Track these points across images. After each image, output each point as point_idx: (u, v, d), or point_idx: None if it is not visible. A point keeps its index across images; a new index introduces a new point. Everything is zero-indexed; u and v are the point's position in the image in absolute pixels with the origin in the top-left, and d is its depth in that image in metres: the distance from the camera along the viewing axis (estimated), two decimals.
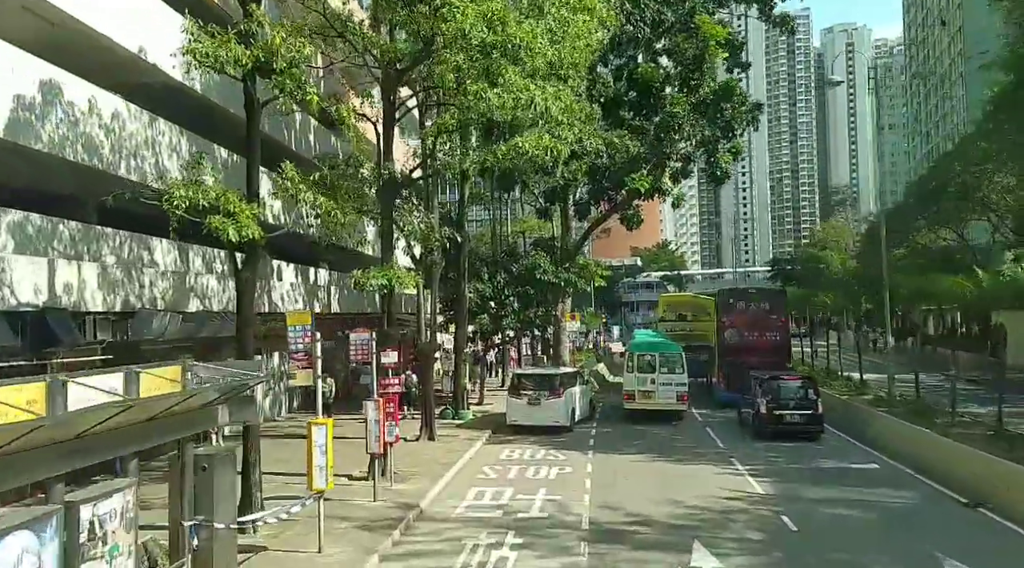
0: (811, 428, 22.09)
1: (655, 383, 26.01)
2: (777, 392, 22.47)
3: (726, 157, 28.92)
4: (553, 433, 23.64)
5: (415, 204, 21.73)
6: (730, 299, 31.60)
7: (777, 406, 22.13)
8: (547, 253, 30.40)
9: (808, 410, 22.08)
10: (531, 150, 15.23)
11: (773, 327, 29.98)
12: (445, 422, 25.42)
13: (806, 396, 22.42)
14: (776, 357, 28.56)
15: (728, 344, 29.96)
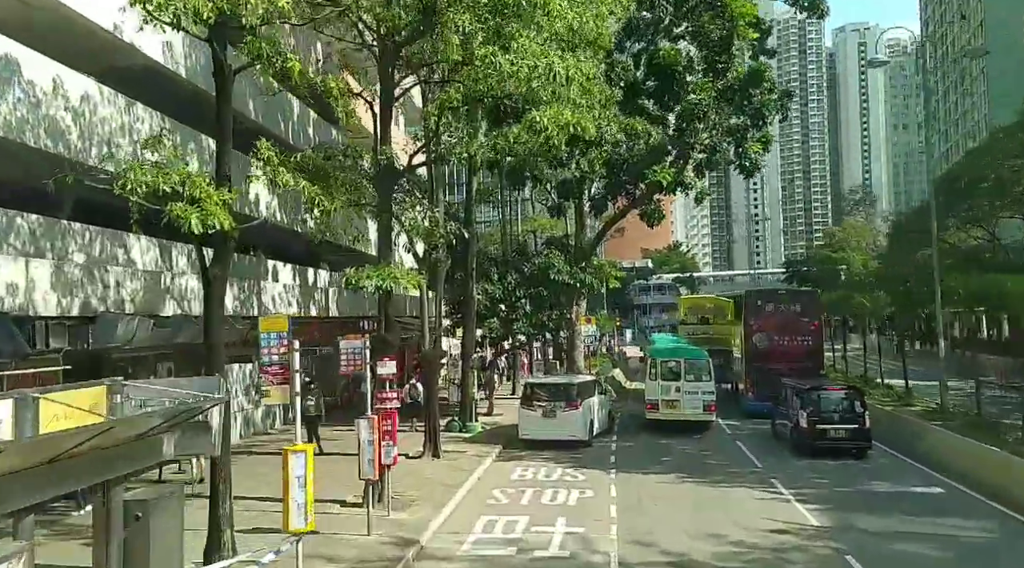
0: (858, 444, 20.01)
1: (680, 392, 24.17)
2: (819, 404, 20.43)
3: (755, 147, 26.74)
4: (570, 448, 21.55)
5: (418, 197, 19.68)
6: (758, 301, 29.53)
7: (820, 419, 20.07)
8: (561, 252, 28.30)
9: (854, 424, 20.00)
10: (550, 127, 13.11)
11: (805, 331, 27.83)
12: (451, 436, 23.36)
13: (852, 409, 20.27)
14: (808, 363, 26.75)
15: (756, 349, 27.97)
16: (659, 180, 26.11)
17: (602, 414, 24.00)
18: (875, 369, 39.63)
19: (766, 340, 27.84)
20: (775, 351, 27.32)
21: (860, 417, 20.07)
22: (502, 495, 16.45)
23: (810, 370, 26.14)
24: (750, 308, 29.12)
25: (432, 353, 20.04)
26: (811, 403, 20.45)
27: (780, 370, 25.62)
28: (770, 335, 27.82)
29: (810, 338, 27.93)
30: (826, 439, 19.92)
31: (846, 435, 19.98)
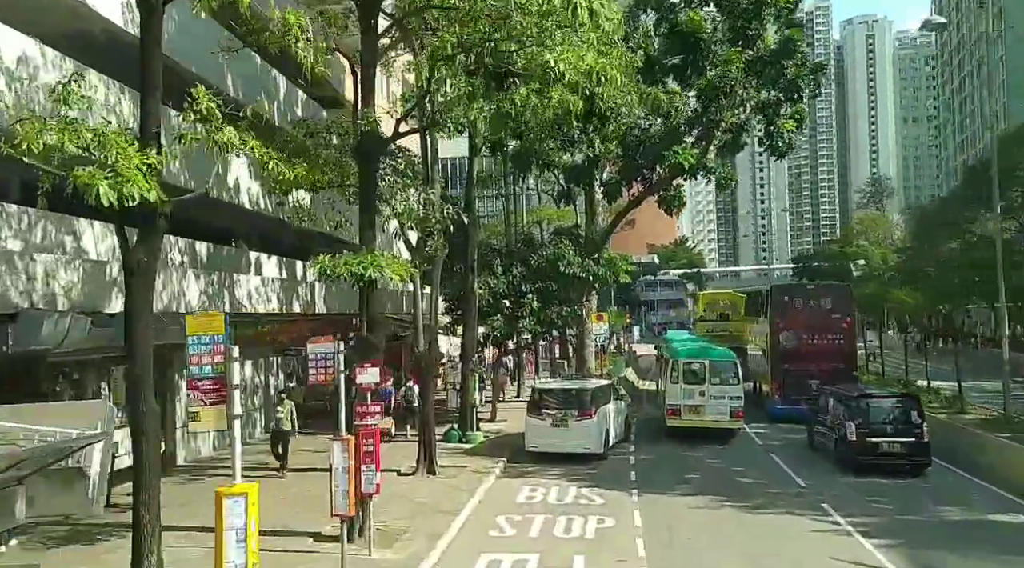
0: (915, 461, 17.57)
1: (705, 396, 21.93)
2: (870, 414, 17.97)
3: (789, 124, 24.07)
4: (583, 462, 19.04)
5: (410, 176, 17.15)
6: (785, 296, 27.18)
7: (870, 432, 17.62)
8: (571, 243, 25.73)
9: (911, 437, 17.55)
10: (568, 73, 10.49)
11: (836, 329, 25.63)
12: (449, 447, 20.85)
13: (908, 419, 17.79)
14: (840, 364, 24.77)
15: (783, 349, 25.76)
16: (681, 161, 23.49)
17: (618, 422, 21.48)
18: (895, 368, 37.18)
19: (794, 339, 25.70)
20: (804, 351, 25.29)
21: (918, 429, 17.59)
22: (507, 524, 13.92)
23: (842, 372, 24.27)
24: (776, 304, 26.79)
25: (427, 356, 17.52)
26: (860, 413, 18.01)
27: (809, 371, 24.20)
28: (798, 334, 25.69)
29: (842, 337, 25.71)
30: (879, 454, 17.48)
31: (902, 450, 17.52)
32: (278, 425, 17.00)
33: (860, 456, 17.55)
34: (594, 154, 25.66)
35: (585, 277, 24.18)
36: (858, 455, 17.59)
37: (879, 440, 17.53)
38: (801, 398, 23.86)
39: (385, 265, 12.09)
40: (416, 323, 17.66)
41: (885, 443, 17.53)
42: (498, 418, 25.81)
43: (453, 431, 21.69)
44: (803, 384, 24.04)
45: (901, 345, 53.13)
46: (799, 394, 23.97)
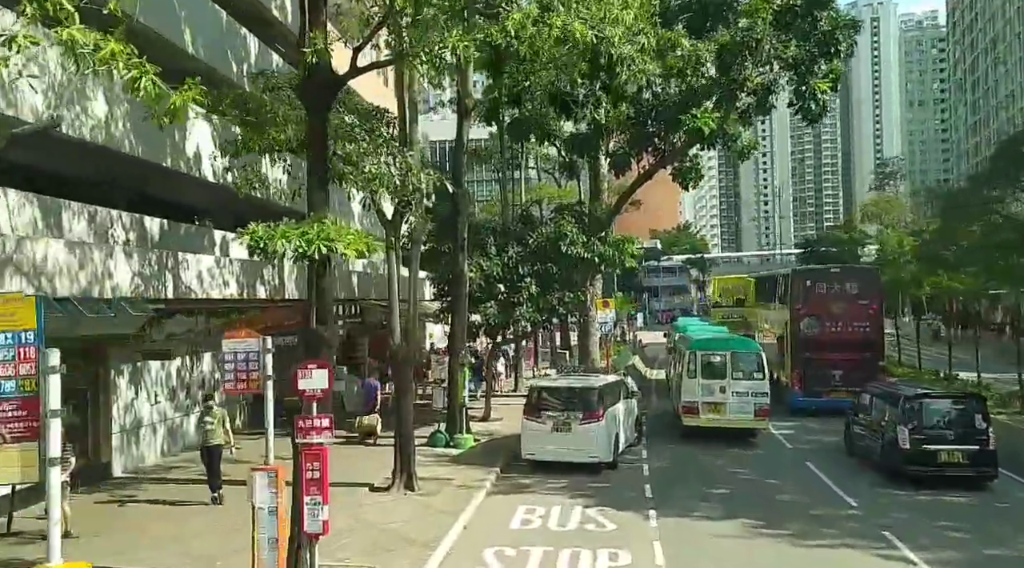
0: (981, 471, 15.09)
1: (726, 392, 19.69)
2: (925, 416, 15.47)
3: (823, 84, 21.13)
4: (589, 472, 16.34)
5: (384, 137, 14.29)
6: (806, 280, 25.27)
7: (927, 438, 15.14)
8: (575, 220, 22.86)
9: (975, 445, 15.03)
10: None
11: (862, 316, 23.97)
12: (435, 454, 18.13)
13: (971, 424, 15.23)
14: (866, 354, 23.43)
15: (804, 337, 24.10)
16: (700, 126, 20.58)
17: (629, 424, 18.72)
18: (913, 356, 34.51)
19: (816, 326, 24.05)
20: (827, 339, 23.73)
21: (982, 436, 15.05)
22: (497, 561, 11.16)
23: (868, 362, 22.97)
24: (797, 289, 24.92)
25: (404, 350, 14.72)
26: (914, 415, 15.48)
27: (833, 361, 23.18)
28: (821, 320, 24.07)
29: (868, 324, 24.03)
30: (938, 465, 15.01)
31: (964, 460, 15.02)
32: (206, 438, 14.00)
33: (913, 466, 15.14)
34: (601, 119, 22.66)
35: (590, 258, 21.34)
36: (910, 465, 15.17)
37: (939, 448, 15.02)
38: (824, 390, 22.94)
39: (337, 237, 9.25)
40: (391, 310, 14.85)
41: (944, 452, 14.99)
42: (492, 416, 23.08)
43: (439, 434, 18.94)
44: (826, 375, 23.17)
45: (916, 332, 50.36)
46: (822, 386, 23.08)
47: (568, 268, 21.87)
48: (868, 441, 17.06)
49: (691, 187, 23.24)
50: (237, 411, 21.43)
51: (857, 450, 17.78)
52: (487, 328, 22.53)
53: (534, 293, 20.90)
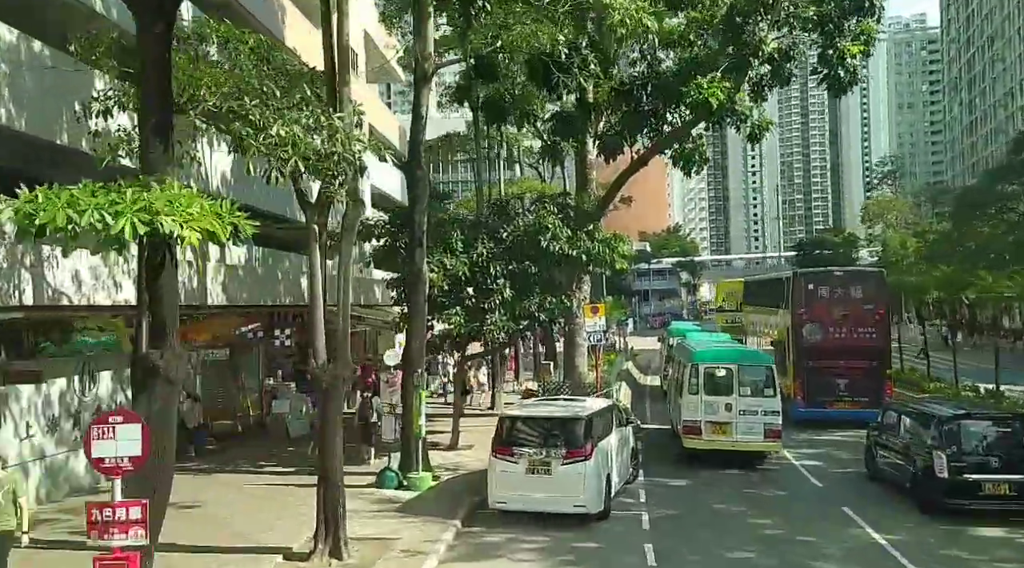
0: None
1: (733, 411, 17.37)
2: (963, 441, 13.52)
3: (854, 47, 17.65)
4: (574, 525, 12.88)
5: (308, 94, 10.79)
6: (809, 284, 23.74)
7: (968, 466, 13.15)
8: (559, 213, 19.39)
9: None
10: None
11: (868, 322, 22.76)
12: (381, 498, 14.56)
13: (1020, 448, 13.29)
14: (872, 362, 22.35)
15: (807, 344, 22.82)
16: (706, 98, 17.12)
17: (623, 459, 15.22)
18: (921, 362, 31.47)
19: (819, 332, 22.85)
20: (831, 346, 22.57)
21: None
22: None
23: (874, 371, 22.19)
24: (798, 293, 23.47)
25: (329, 372, 11.14)
26: (953, 439, 13.50)
27: (837, 369, 22.26)
28: (824, 326, 22.89)
29: (874, 330, 22.76)
30: (982, 497, 13.03)
31: (1014, 492, 12.92)
32: None
33: (952, 499, 13.15)
34: (588, 93, 19.15)
35: (576, 256, 17.85)
36: (949, 497, 13.16)
37: (982, 477, 13.03)
38: (828, 401, 22.19)
39: (165, 209, 5.70)
40: (312, 321, 11.27)
41: (990, 483, 12.97)
42: (461, 444, 19.54)
43: (389, 473, 15.35)
44: (830, 384, 22.27)
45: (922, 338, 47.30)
46: (825, 396, 22.24)
47: (549, 267, 18.40)
48: (897, 467, 14.96)
49: (694, 172, 19.81)
50: None
51: (879, 475, 15.73)
52: (453, 340, 19.02)
53: (508, 297, 17.40)
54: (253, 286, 19.64)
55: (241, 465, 17.72)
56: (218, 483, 15.95)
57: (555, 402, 15.10)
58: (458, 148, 32.66)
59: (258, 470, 17.23)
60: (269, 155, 9.87)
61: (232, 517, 13.33)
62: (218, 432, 20.34)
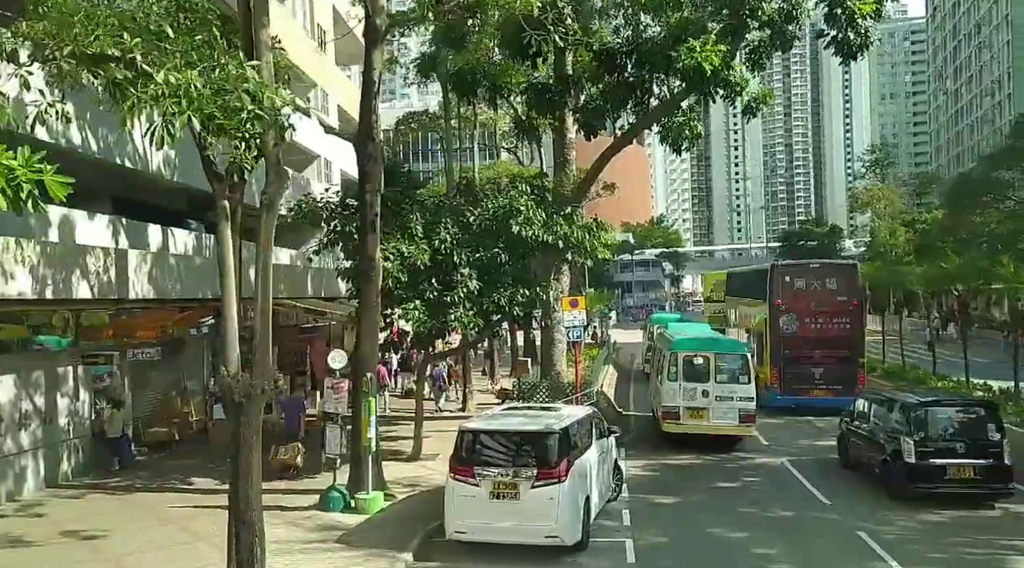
0: (994, 488, 13.66)
1: (709, 397, 18.43)
2: (930, 427, 14.03)
3: (865, 6, 15.61)
4: (547, 560, 10.86)
5: (206, 38, 8.62)
6: (786, 276, 24.82)
7: (935, 451, 13.73)
8: (535, 194, 17.32)
9: (988, 458, 13.58)
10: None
11: (843, 312, 23.73)
12: (322, 525, 12.44)
13: (983, 435, 13.79)
14: (846, 351, 23.36)
15: (783, 334, 23.81)
16: (699, 63, 15.05)
17: (603, 476, 13.21)
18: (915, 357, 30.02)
19: (795, 323, 23.81)
20: (806, 336, 23.59)
21: (997, 447, 13.63)
22: None
23: (848, 360, 23.22)
24: (776, 284, 24.45)
25: (243, 382, 9.01)
26: (920, 426, 14.03)
27: (813, 359, 23.32)
28: (800, 317, 23.84)
29: (849, 321, 23.70)
30: (946, 481, 13.58)
31: (978, 475, 13.56)
32: None
33: (919, 483, 13.69)
34: (570, 61, 17.01)
35: (552, 243, 15.79)
36: (916, 482, 13.71)
37: (948, 462, 13.62)
38: (803, 389, 23.14)
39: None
40: (225, 317, 9.14)
41: (954, 466, 13.60)
42: (425, 453, 17.46)
43: (334, 493, 13.23)
44: (806, 373, 23.32)
45: (911, 332, 45.63)
46: (801, 384, 23.20)
47: (522, 256, 16.34)
48: (867, 453, 15.49)
49: (684, 149, 17.78)
50: (64, 452, 15.56)
51: (854, 462, 16.13)
52: (416, 337, 16.90)
53: (474, 290, 15.30)
54: (189, 278, 17.44)
55: (170, 481, 15.56)
56: (135, 505, 13.80)
57: (525, 412, 13.04)
58: (429, 128, 30.51)
59: (187, 487, 15.07)
60: (158, 107, 7.70)
61: (135, 553, 11.20)
62: (151, 441, 18.14)
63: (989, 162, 38.43)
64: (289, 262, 24.43)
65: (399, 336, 18.54)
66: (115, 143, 16.66)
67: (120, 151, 17.01)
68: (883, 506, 13.69)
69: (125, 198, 19.96)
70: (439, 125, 28.20)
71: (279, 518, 12.65)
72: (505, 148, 36.15)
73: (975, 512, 13.36)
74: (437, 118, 28.70)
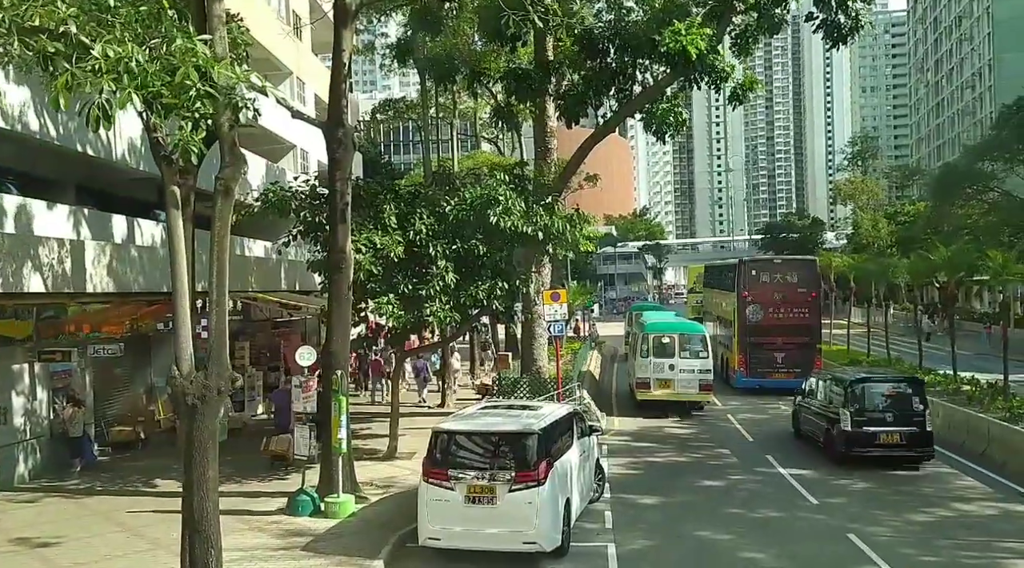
0: (917, 451, 15.62)
1: (674, 370, 22.25)
2: (864, 400, 16.03)
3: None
4: (525, 566, 10.31)
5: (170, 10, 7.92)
6: (752, 270, 27.34)
7: (868, 420, 15.76)
8: (514, 184, 16.72)
9: (913, 426, 15.58)
10: None
11: (802, 303, 26.22)
12: (289, 530, 11.81)
13: (909, 406, 15.80)
14: (805, 338, 25.68)
15: (749, 322, 26.17)
16: (683, 47, 14.48)
17: (585, 477, 12.67)
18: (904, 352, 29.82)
19: (760, 313, 26.15)
20: (770, 324, 25.91)
21: (920, 417, 15.66)
22: None
23: (807, 346, 25.42)
24: (743, 277, 26.91)
25: (196, 383, 8.35)
26: (855, 399, 16.02)
27: (775, 344, 25.59)
28: (764, 308, 26.15)
29: (807, 310, 26.24)
30: (876, 445, 15.66)
31: (902, 441, 15.63)
32: None
33: (854, 448, 15.78)
34: (551, 47, 16.39)
35: (531, 234, 15.19)
36: (851, 447, 15.81)
37: (876, 429, 15.65)
38: (766, 372, 25.43)
39: None
40: (176, 313, 8.49)
41: (883, 433, 15.64)
42: (400, 451, 16.85)
43: (303, 497, 12.60)
44: (768, 357, 25.57)
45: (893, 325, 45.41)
46: (764, 367, 25.55)
47: (501, 248, 15.74)
48: (814, 424, 17.57)
49: (669, 136, 17.20)
50: (21, 453, 14.82)
51: (805, 433, 18.29)
52: (391, 332, 16.28)
53: (451, 283, 14.69)
54: (153, 271, 16.68)
55: (133, 483, 14.90)
56: (94, 509, 13.11)
57: (503, 411, 12.46)
58: (407, 116, 29.75)
59: (150, 490, 14.41)
60: (92, 85, 7.00)
61: (89, 564, 10.53)
62: (116, 441, 17.43)
63: (973, 153, 38.30)
64: (264, 254, 23.69)
65: (375, 330, 17.89)
66: (77, 129, 15.91)
67: (81, 137, 16.26)
68: (827, 471, 15.68)
69: (92, 189, 19.19)
70: (417, 113, 27.48)
71: (244, 523, 12.04)
72: (485, 138, 35.46)
73: (901, 474, 15.39)
74: (415, 106, 27.99)
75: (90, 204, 17.93)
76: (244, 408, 21.31)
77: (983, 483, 14.62)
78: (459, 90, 24.04)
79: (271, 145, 27.56)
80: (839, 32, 15.68)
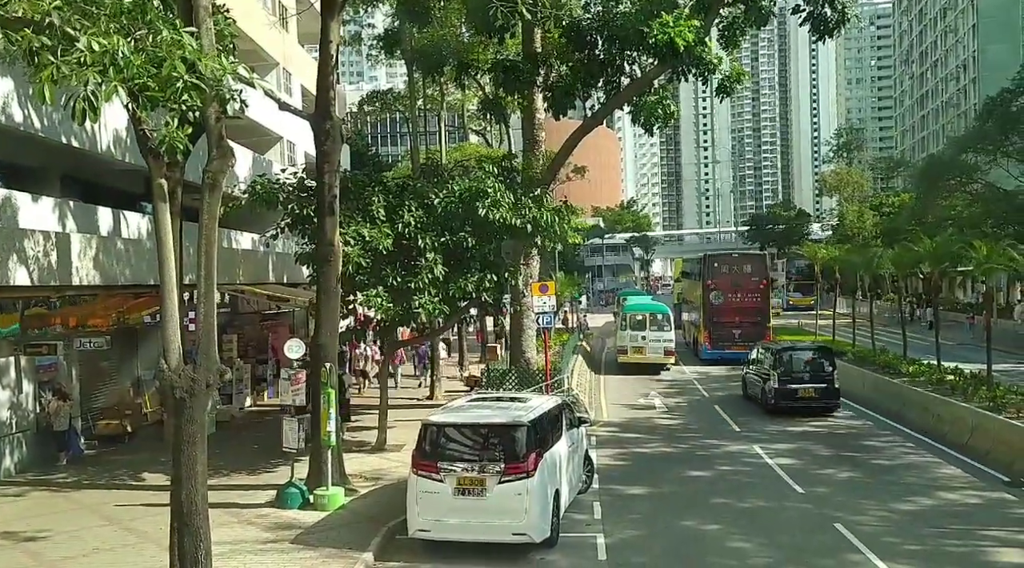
0: (827, 403, 20.38)
1: (646, 340, 29.39)
2: (789, 363, 20.80)
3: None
4: (514, 558, 10.37)
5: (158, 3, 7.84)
6: (715, 263, 33.47)
7: (791, 379, 20.48)
8: (503, 176, 16.71)
9: (824, 383, 20.37)
10: None
11: (755, 289, 32.02)
12: (277, 524, 11.81)
13: (822, 368, 20.58)
14: (757, 318, 31.33)
15: (712, 305, 31.92)
16: (671, 38, 14.51)
17: (574, 468, 12.72)
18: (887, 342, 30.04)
19: (721, 297, 31.75)
20: (728, 307, 31.44)
21: (829, 377, 20.37)
22: None
23: (758, 323, 30.91)
24: (707, 268, 33.01)
25: (185, 376, 8.32)
26: (781, 363, 20.70)
27: (734, 323, 31.09)
28: (724, 293, 31.77)
29: (759, 295, 32.07)
30: (796, 399, 20.25)
31: (815, 395, 20.32)
32: None
33: (781, 401, 20.22)
34: (539, 39, 16.34)
35: (520, 226, 15.19)
36: (779, 401, 20.24)
37: (797, 386, 20.32)
38: (726, 345, 30.77)
39: None
40: (163, 307, 8.44)
41: (802, 389, 20.34)
42: (390, 443, 16.87)
43: (292, 489, 12.59)
44: (728, 333, 31.10)
45: (884, 317, 45.77)
46: (725, 342, 31.01)
47: (490, 240, 15.73)
48: (755, 386, 22.09)
49: (657, 129, 17.17)
50: (6, 447, 14.72)
51: (749, 394, 22.82)
52: (380, 325, 16.26)
53: (439, 275, 14.69)
54: (140, 263, 16.58)
55: (120, 476, 14.84)
56: (81, 503, 13.06)
57: (492, 403, 12.50)
58: (394, 107, 29.62)
59: (137, 484, 14.35)
60: (77, 79, 6.92)
61: (77, 557, 10.50)
62: (103, 434, 17.34)
63: (957, 145, 38.56)
64: (252, 247, 23.58)
65: (363, 322, 17.87)
66: (61, 121, 15.74)
67: (66, 129, 16.08)
68: (766, 421, 19.93)
69: (78, 178, 19.00)
70: (405, 104, 27.38)
71: (233, 516, 12.03)
72: (473, 130, 35.38)
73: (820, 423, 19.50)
74: (403, 98, 27.89)
75: (75, 195, 17.79)
76: (232, 401, 21.26)
77: (966, 472, 14.78)
78: (447, 82, 23.90)
79: (258, 137, 27.37)
80: (825, 26, 15.77)
